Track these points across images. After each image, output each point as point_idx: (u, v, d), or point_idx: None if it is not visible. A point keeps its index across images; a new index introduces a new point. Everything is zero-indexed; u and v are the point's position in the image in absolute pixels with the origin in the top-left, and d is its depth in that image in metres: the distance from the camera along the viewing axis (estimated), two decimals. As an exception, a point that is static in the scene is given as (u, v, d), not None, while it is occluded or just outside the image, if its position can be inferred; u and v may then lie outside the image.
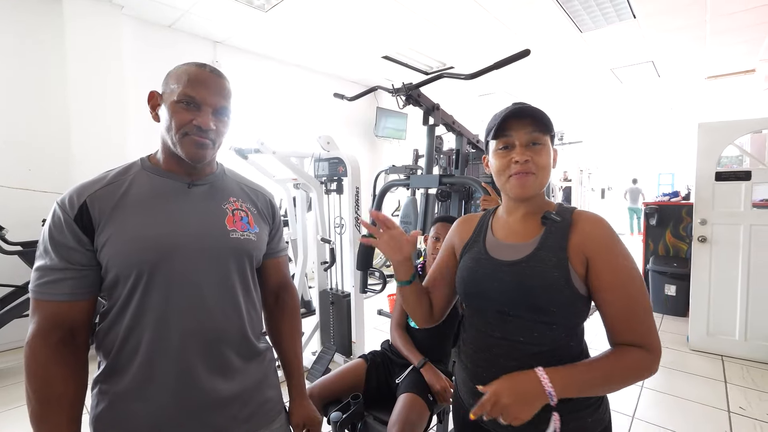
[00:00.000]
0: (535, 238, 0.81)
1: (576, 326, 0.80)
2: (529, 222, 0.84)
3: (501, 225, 0.89)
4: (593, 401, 0.79)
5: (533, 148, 0.79)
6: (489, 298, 0.82)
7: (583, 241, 0.76)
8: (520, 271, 0.78)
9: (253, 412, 0.84)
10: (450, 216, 1.73)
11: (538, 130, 0.79)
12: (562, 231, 0.79)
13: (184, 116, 0.76)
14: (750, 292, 2.76)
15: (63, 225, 0.71)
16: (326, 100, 5.30)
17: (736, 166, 3.24)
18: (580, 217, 0.80)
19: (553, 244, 0.78)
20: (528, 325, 0.77)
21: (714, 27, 3.91)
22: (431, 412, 1.40)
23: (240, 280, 0.84)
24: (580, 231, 0.78)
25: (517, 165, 0.78)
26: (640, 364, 0.72)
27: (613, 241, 0.76)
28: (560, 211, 0.83)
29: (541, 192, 0.83)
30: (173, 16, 3.64)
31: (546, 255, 0.77)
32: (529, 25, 3.86)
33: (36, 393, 0.69)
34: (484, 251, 0.86)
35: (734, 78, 5.60)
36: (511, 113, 0.79)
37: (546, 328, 0.76)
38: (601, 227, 0.78)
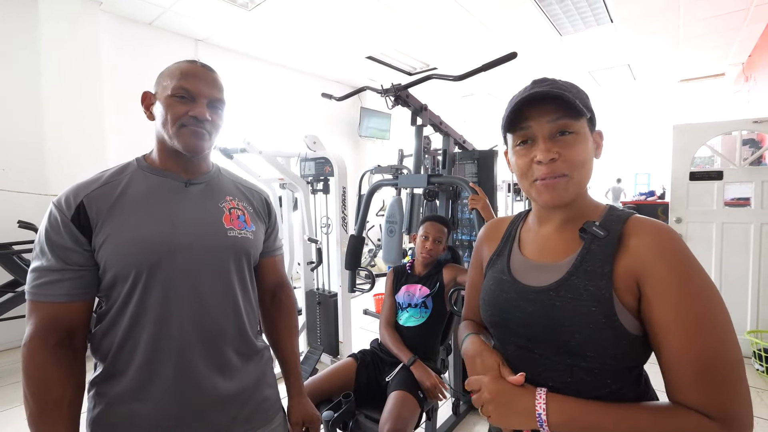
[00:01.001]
0: (570, 257, 0.61)
1: (628, 372, 0.59)
2: (565, 234, 0.64)
3: (531, 237, 0.70)
4: None
5: (562, 140, 0.59)
6: (511, 330, 0.65)
7: (633, 261, 0.55)
8: (548, 302, 0.60)
9: (252, 411, 0.84)
10: (439, 216, 1.75)
11: (566, 116, 0.59)
12: (605, 250, 0.58)
13: (180, 108, 0.76)
14: (723, 287, 2.88)
15: (60, 225, 0.70)
16: (310, 99, 5.28)
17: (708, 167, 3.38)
18: (634, 228, 0.58)
19: (592, 269, 0.57)
20: (559, 368, 0.59)
21: (687, 32, 4.07)
22: (422, 409, 1.41)
23: (238, 278, 0.84)
24: (631, 248, 0.56)
25: (542, 166, 0.59)
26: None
27: (680, 260, 0.53)
28: (607, 221, 0.61)
29: (582, 194, 0.64)
30: (154, 13, 3.56)
31: (581, 283, 0.58)
32: (511, 28, 3.94)
33: (34, 395, 0.68)
34: (507, 271, 0.69)
35: (706, 81, 5.84)
36: (529, 97, 0.59)
37: (584, 372, 0.57)
38: (663, 240, 0.55)
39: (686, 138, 2.97)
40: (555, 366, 0.60)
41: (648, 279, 0.54)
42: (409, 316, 1.63)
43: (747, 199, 3.10)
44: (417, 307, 1.63)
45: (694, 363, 0.50)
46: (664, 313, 0.53)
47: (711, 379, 0.49)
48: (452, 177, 1.72)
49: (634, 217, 0.61)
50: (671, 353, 0.52)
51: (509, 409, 0.57)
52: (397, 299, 1.69)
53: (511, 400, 0.58)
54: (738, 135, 2.83)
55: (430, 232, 1.65)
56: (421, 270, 1.70)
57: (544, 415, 0.55)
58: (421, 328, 1.60)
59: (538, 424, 0.55)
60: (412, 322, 1.62)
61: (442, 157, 1.92)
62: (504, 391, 0.59)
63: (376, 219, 6.04)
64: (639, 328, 0.56)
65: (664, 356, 0.54)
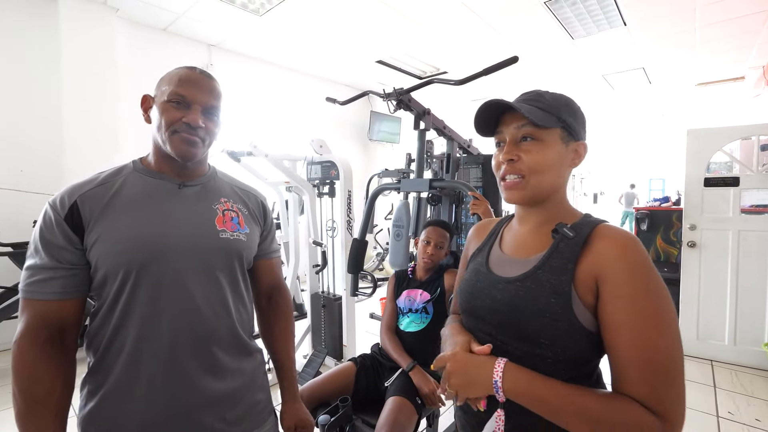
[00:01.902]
0: (540, 254, 0.67)
1: (581, 366, 0.63)
2: (540, 234, 0.70)
3: (511, 236, 0.77)
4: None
5: (523, 145, 0.67)
6: (479, 317, 0.71)
7: (595, 262, 0.60)
8: (513, 291, 0.66)
9: (242, 413, 0.84)
10: (441, 220, 1.74)
11: (529, 124, 0.65)
12: (573, 249, 0.63)
13: (174, 114, 0.77)
14: (739, 297, 2.78)
15: (53, 224, 0.72)
16: (320, 103, 5.31)
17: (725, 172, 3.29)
18: (602, 234, 0.63)
19: (557, 265, 0.63)
20: (518, 355, 0.63)
21: (703, 35, 3.98)
22: (419, 416, 1.40)
23: (229, 280, 0.84)
24: (595, 251, 0.61)
25: (505, 165, 0.68)
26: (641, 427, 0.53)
27: (638, 266, 0.58)
28: (578, 225, 0.66)
29: (553, 197, 0.70)
30: (168, 19, 3.64)
31: (545, 276, 0.63)
32: (521, 31, 3.91)
33: (22, 392, 0.69)
34: (484, 263, 0.76)
35: (724, 85, 5.69)
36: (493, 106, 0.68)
37: (539, 361, 0.62)
38: (625, 247, 0.59)
39: (701, 143, 2.89)
40: (515, 353, 0.64)
41: (606, 280, 0.59)
42: (409, 321, 1.62)
43: (765, 206, 3.00)
44: (417, 313, 1.62)
45: (640, 361, 0.55)
46: (617, 313, 0.57)
47: (653, 377, 0.54)
48: (454, 181, 1.71)
49: (604, 224, 0.66)
50: (620, 350, 0.57)
51: (470, 377, 0.62)
52: (398, 304, 1.68)
53: (473, 369, 0.62)
54: (756, 140, 2.75)
55: (432, 237, 1.64)
56: (422, 275, 1.69)
57: (500, 381, 0.59)
58: (421, 334, 1.58)
59: (494, 390, 0.60)
60: (413, 328, 1.60)
61: (445, 161, 1.91)
62: (467, 361, 0.64)
63: (385, 223, 6.04)
64: (594, 325, 0.61)
65: (613, 352, 0.58)
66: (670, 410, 0.54)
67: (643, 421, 0.53)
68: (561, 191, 0.71)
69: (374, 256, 5.78)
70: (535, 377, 0.59)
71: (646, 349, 0.55)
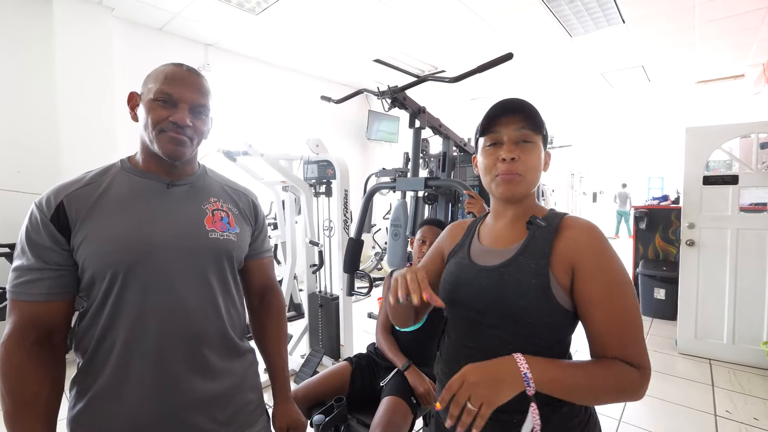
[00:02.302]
0: (517, 243, 0.75)
1: (556, 342, 0.72)
2: (515, 227, 0.79)
3: (488, 230, 0.84)
4: (581, 418, 0.72)
5: (522, 147, 0.74)
6: (465, 304, 0.77)
7: (569, 249, 0.70)
8: (498, 276, 0.73)
9: (233, 413, 0.83)
10: (437, 219, 1.73)
11: (528, 128, 0.74)
12: (546, 237, 0.73)
13: (161, 113, 0.76)
14: (737, 296, 2.78)
15: (39, 225, 0.71)
16: (317, 103, 5.28)
17: (724, 171, 3.27)
18: (568, 223, 0.74)
19: (535, 250, 0.72)
20: (503, 337, 0.71)
21: (703, 32, 3.96)
22: (415, 415, 1.39)
23: (219, 280, 0.83)
24: (567, 238, 0.71)
25: (504, 163, 0.73)
26: (629, 381, 0.64)
27: (603, 250, 0.69)
28: (549, 217, 0.77)
29: (530, 195, 0.79)
30: (164, 18, 3.63)
31: (525, 261, 0.72)
32: (519, 29, 3.89)
33: (10, 393, 0.68)
34: (467, 257, 0.82)
35: (724, 83, 5.67)
36: (501, 107, 0.74)
37: (522, 341, 0.69)
38: (592, 235, 0.71)
39: (699, 141, 2.88)
40: (500, 334, 0.71)
41: (580, 264, 0.69)
42: (405, 320, 1.61)
43: (764, 205, 2.99)
44: (413, 312, 1.61)
45: (615, 327, 0.67)
46: (593, 290, 0.68)
47: (627, 338, 0.67)
48: (449, 180, 1.70)
49: (569, 215, 0.77)
50: (598, 320, 0.68)
51: (496, 382, 0.61)
52: (393, 303, 1.67)
53: (496, 371, 0.62)
54: (755, 138, 2.74)
55: (428, 236, 1.63)
56: (418, 274, 1.68)
57: (529, 373, 0.61)
58: (416, 333, 1.58)
59: (525, 383, 0.61)
60: (408, 327, 1.59)
61: (441, 159, 1.90)
62: (484, 369, 0.62)
63: (383, 222, 6.03)
64: (568, 303, 0.70)
65: (590, 323, 0.69)
66: (643, 361, 0.66)
67: (629, 374, 0.65)
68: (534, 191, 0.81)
69: (372, 255, 5.77)
70: (552, 363, 0.64)
71: (619, 317, 0.67)
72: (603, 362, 0.66)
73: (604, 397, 0.65)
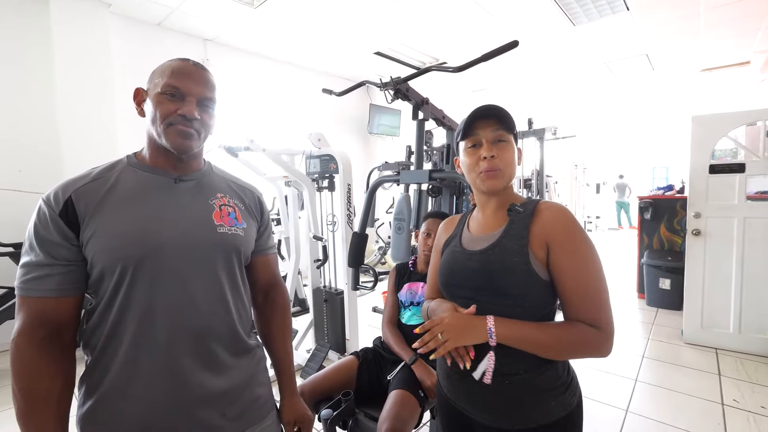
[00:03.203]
0: (500, 228, 0.87)
1: (541, 311, 0.83)
2: (498, 215, 0.90)
3: (475, 220, 0.95)
4: (558, 384, 0.82)
5: (498, 145, 0.85)
6: (459, 285, 0.89)
7: (543, 228, 0.81)
8: (485, 258, 0.84)
9: (242, 409, 0.83)
10: (441, 212, 1.72)
11: (502, 128, 0.85)
12: (524, 220, 0.84)
13: (169, 107, 0.76)
14: (744, 285, 2.76)
15: (48, 220, 0.70)
16: (318, 97, 5.28)
17: (730, 159, 3.24)
18: (542, 206, 0.85)
19: (515, 233, 0.83)
20: (494, 309, 0.81)
21: (708, 19, 3.90)
22: (422, 408, 1.39)
23: (227, 275, 0.83)
24: (541, 219, 0.82)
25: (485, 161, 0.84)
26: (589, 339, 0.77)
27: (572, 228, 0.81)
28: (525, 203, 0.88)
29: (509, 186, 0.89)
30: (162, 13, 3.60)
31: (508, 242, 0.83)
32: (522, 18, 3.84)
33: (22, 390, 0.68)
34: (459, 244, 0.93)
35: (729, 70, 5.60)
36: (479, 113, 0.86)
37: (511, 311, 0.80)
38: (562, 215, 0.82)
39: (705, 129, 2.85)
40: (492, 308, 0.82)
41: (552, 240, 0.81)
42: (411, 314, 1.61)
43: (771, 193, 2.95)
44: (419, 306, 1.60)
45: (580, 293, 0.79)
46: (563, 261, 0.80)
47: (592, 302, 0.78)
48: (454, 172, 1.68)
49: (542, 201, 0.88)
50: (566, 287, 0.80)
51: (466, 329, 0.79)
52: (399, 297, 1.66)
53: (468, 323, 0.80)
54: (762, 125, 2.70)
55: (432, 230, 1.61)
56: (423, 268, 1.67)
57: (493, 328, 0.78)
58: (423, 327, 1.57)
59: (488, 335, 0.78)
60: (415, 321, 1.59)
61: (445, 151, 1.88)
62: (461, 318, 0.81)
63: (386, 216, 6.02)
64: (546, 275, 0.81)
65: (561, 290, 0.80)
66: (605, 324, 0.78)
67: (590, 335, 0.77)
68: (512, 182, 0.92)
69: (376, 249, 5.77)
70: (517, 323, 0.79)
71: (585, 284, 0.78)
72: (566, 323, 0.80)
73: (565, 351, 0.79)
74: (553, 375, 0.82)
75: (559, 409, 0.81)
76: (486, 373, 0.80)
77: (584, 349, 0.78)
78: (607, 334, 0.77)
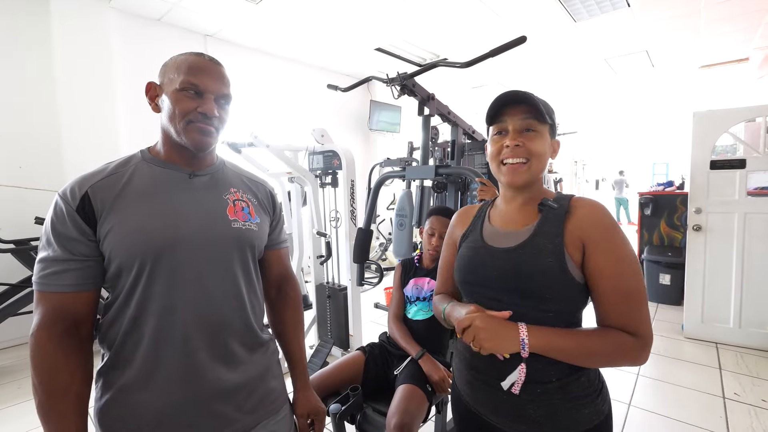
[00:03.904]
0: (531, 225, 0.80)
1: (572, 315, 0.78)
2: (526, 210, 0.83)
3: (499, 213, 0.88)
4: (591, 390, 0.77)
5: (526, 135, 0.79)
6: (485, 285, 0.82)
7: (579, 226, 0.75)
8: (516, 257, 0.78)
9: (257, 402, 0.84)
10: (444, 207, 1.72)
11: (532, 117, 0.78)
12: (558, 217, 0.77)
13: (188, 104, 0.76)
14: (744, 280, 2.78)
15: (65, 216, 0.71)
16: (319, 93, 5.27)
17: (730, 155, 3.25)
18: (577, 203, 0.79)
19: (548, 231, 0.77)
20: (522, 312, 0.75)
21: (708, 15, 3.90)
22: (430, 403, 1.40)
23: (242, 270, 0.84)
24: (577, 217, 0.76)
25: (508, 150, 0.78)
26: (627, 348, 0.71)
27: (610, 226, 0.74)
28: (558, 199, 0.81)
29: (538, 180, 0.83)
30: (162, 8, 3.57)
31: (541, 241, 0.76)
32: (522, 14, 3.84)
33: (42, 384, 0.69)
34: (480, 239, 0.86)
35: (728, 67, 5.61)
36: (505, 98, 0.79)
37: (541, 315, 0.75)
38: (599, 213, 0.76)
39: (707, 125, 2.86)
40: (519, 311, 0.76)
41: (589, 239, 0.74)
42: (417, 309, 1.61)
43: (772, 189, 2.97)
44: (425, 301, 1.61)
45: (619, 296, 0.72)
46: (601, 262, 0.73)
47: (630, 307, 0.72)
48: (460, 168, 1.68)
49: (576, 196, 0.82)
50: (603, 291, 0.73)
51: (499, 335, 0.72)
52: (405, 293, 1.67)
53: (501, 329, 0.72)
54: (762, 121, 2.71)
55: (436, 228, 1.61)
56: (429, 263, 1.67)
57: (526, 339, 0.71)
58: (429, 322, 1.58)
59: (521, 347, 0.71)
60: (421, 316, 1.60)
61: (450, 147, 1.88)
62: (494, 322, 0.73)
63: (387, 213, 6.02)
64: (581, 277, 0.75)
65: (597, 293, 0.74)
66: (642, 329, 0.71)
67: (628, 342, 0.71)
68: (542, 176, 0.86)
69: (377, 246, 5.77)
70: (550, 331, 0.73)
71: (622, 285, 0.72)
72: (600, 329, 0.74)
73: (601, 360, 0.73)
74: (586, 381, 0.77)
75: (593, 417, 0.77)
76: (515, 385, 0.75)
77: (621, 357, 0.72)
78: (645, 341, 0.71)
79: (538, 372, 0.75)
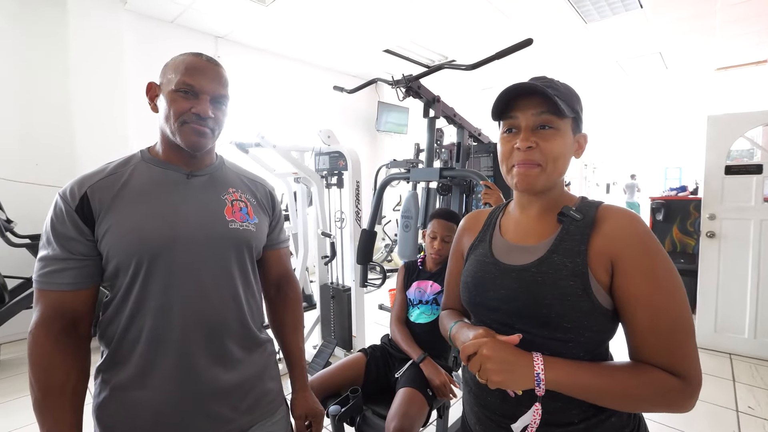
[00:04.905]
0: (549, 238, 0.67)
1: (599, 345, 0.65)
2: (544, 220, 0.70)
3: (511, 223, 0.76)
4: (630, 428, 0.66)
5: (541, 133, 0.65)
6: (492, 308, 0.69)
7: (608, 242, 0.61)
8: (530, 278, 0.65)
9: (254, 403, 0.84)
10: (446, 210, 1.69)
11: (548, 111, 0.64)
12: (582, 231, 0.64)
13: (183, 105, 0.76)
14: (760, 289, 2.70)
15: (64, 215, 0.71)
16: (327, 94, 5.28)
17: (746, 160, 3.18)
18: (606, 213, 0.64)
19: (570, 247, 0.63)
20: (538, 342, 0.63)
21: (724, 16, 3.82)
22: (430, 407, 1.38)
23: (239, 270, 0.84)
24: (606, 231, 0.62)
25: (520, 152, 0.65)
26: (671, 393, 0.56)
27: (648, 243, 0.60)
28: (582, 207, 0.67)
29: (556, 185, 0.69)
30: (175, 11, 3.63)
31: (561, 260, 0.63)
32: (532, 16, 3.80)
33: (39, 382, 0.69)
34: (489, 254, 0.74)
35: (745, 69, 5.48)
36: (516, 89, 0.65)
37: (560, 345, 0.62)
38: (634, 226, 0.61)
39: (721, 129, 2.79)
40: (534, 339, 0.63)
41: (621, 259, 0.60)
42: (419, 312, 1.60)
43: (789, 195, 2.88)
44: (428, 304, 1.59)
45: (659, 330, 0.58)
46: (636, 287, 0.59)
47: (673, 343, 0.58)
48: (465, 170, 1.67)
49: (605, 204, 0.68)
50: (638, 320, 0.59)
51: (510, 367, 0.59)
52: (408, 295, 1.65)
53: (512, 360, 0.59)
54: (780, 125, 2.64)
55: (438, 231, 1.59)
56: (432, 267, 1.66)
57: (542, 374, 0.58)
58: (432, 325, 1.56)
59: (536, 383, 0.58)
60: (423, 319, 1.58)
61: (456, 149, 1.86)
62: (504, 351, 0.60)
63: (393, 214, 6.01)
64: (609, 303, 0.62)
65: (633, 325, 0.60)
66: (691, 372, 0.57)
67: (670, 385, 0.57)
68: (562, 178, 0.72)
69: (382, 247, 5.76)
70: (572, 365, 0.60)
71: (665, 318, 0.58)
72: (636, 368, 0.59)
73: (634, 404, 0.59)
74: (617, 422, 0.64)
75: None
76: (529, 428, 0.62)
77: (661, 403, 0.57)
78: (692, 385, 0.57)
79: (557, 412, 0.63)
